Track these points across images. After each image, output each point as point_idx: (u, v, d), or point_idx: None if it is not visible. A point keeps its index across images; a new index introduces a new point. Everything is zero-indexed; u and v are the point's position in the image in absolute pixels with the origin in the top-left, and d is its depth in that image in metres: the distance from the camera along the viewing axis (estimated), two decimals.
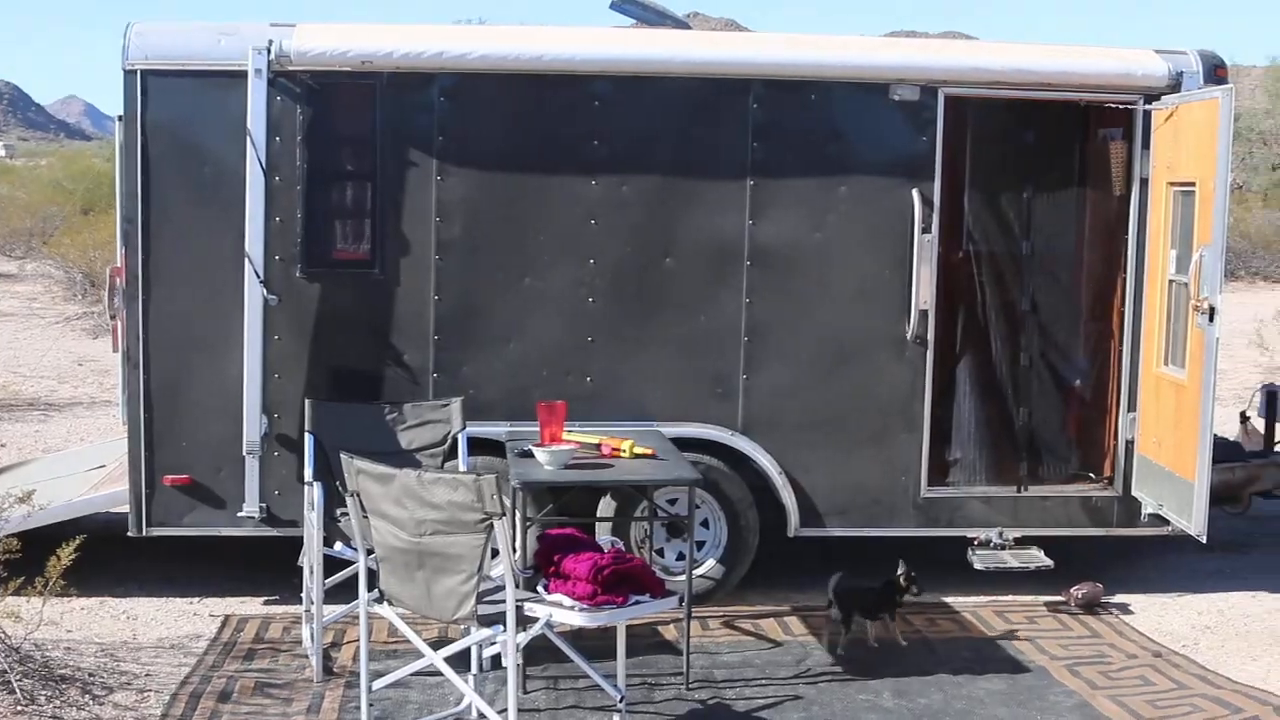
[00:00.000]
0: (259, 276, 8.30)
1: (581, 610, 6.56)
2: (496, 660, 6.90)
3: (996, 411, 9.46)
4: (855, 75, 8.83)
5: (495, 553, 6.25)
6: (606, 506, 8.69)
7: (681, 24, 9.82)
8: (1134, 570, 9.73)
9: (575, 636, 7.21)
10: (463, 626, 6.60)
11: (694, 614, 7.76)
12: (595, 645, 7.28)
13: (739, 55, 8.87)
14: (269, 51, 8.32)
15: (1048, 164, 9.51)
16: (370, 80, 8.55)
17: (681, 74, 8.72)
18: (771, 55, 8.88)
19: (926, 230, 8.81)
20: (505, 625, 6.25)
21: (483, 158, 8.66)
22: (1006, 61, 9.06)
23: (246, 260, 8.27)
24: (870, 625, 8.15)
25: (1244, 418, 11.13)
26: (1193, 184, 8.43)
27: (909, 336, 8.88)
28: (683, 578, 7.72)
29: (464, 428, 8.09)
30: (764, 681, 7.62)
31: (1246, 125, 47.68)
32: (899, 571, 8.14)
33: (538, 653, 7.25)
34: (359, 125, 8.67)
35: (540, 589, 6.74)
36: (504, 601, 6.26)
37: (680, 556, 8.73)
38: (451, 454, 8.11)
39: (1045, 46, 9.33)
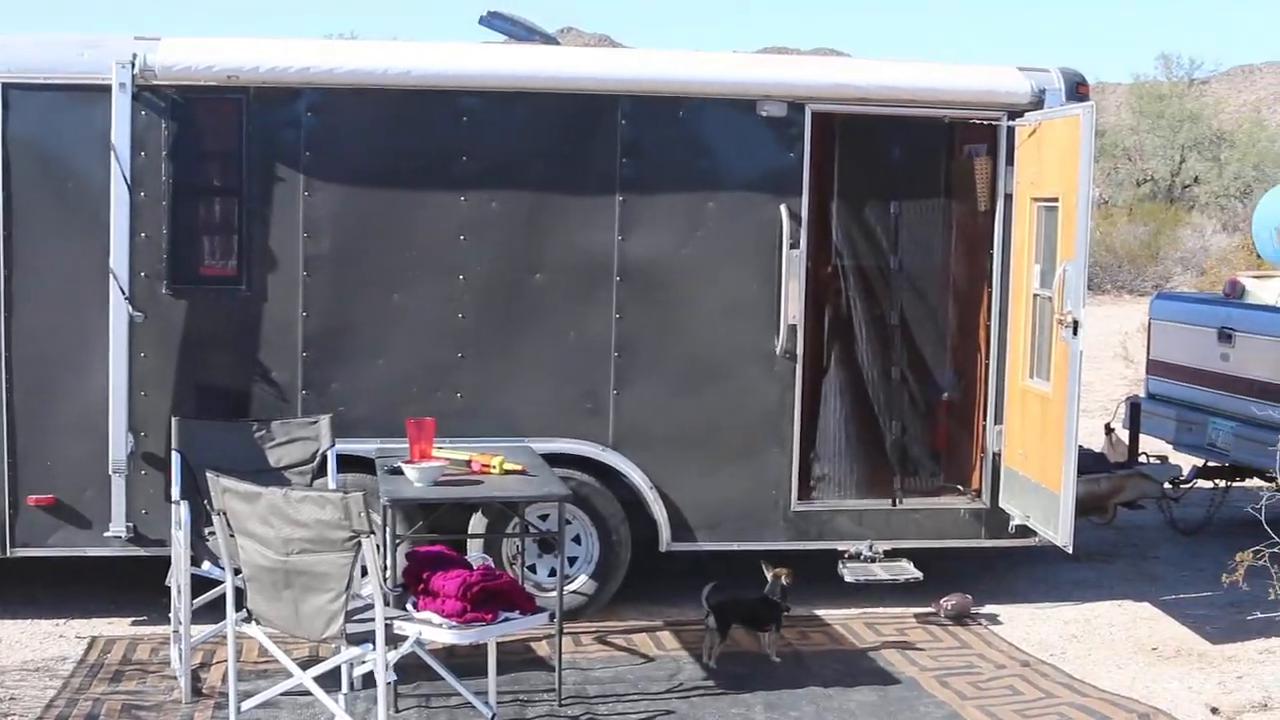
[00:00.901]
0: (124, 293, 8.18)
1: (451, 628, 6.54)
2: (367, 679, 6.85)
3: (866, 425, 9.52)
4: (723, 91, 8.88)
5: (365, 571, 6.22)
6: (478, 523, 8.67)
7: (551, 40, 9.81)
8: (1002, 581, 9.85)
9: (447, 654, 7.20)
10: (333, 645, 6.56)
11: (566, 630, 7.78)
12: (467, 662, 7.28)
13: (607, 71, 8.89)
14: (133, 65, 8.21)
15: (914, 179, 9.59)
16: (236, 95, 8.47)
17: (550, 90, 8.73)
18: (640, 71, 8.91)
19: (794, 245, 8.88)
20: (374, 643, 6.23)
21: (351, 173, 8.61)
22: (873, 78, 9.15)
23: (111, 276, 8.14)
24: (762, 637, 8.20)
25: (1109, 429, 11.32)
26: (1056, 199, 8.55)
27: (778, 351, 8.93)
28: (555, 594, 7.71)
29: (333, 445, 8.05)
30: (636, 696, 7.63)
31: (1112, 142, 48.59)
32: (770, 573, 8.20)
33: (409, 671, 7.23)
34: (225, 140, 8.58)
35: (409, 607, 6.71)
36: (373, 620, 6.23)
37: (553, 573, 8.72)
38: (321, 472, 8.06)
39: (912, 63, 9.43)
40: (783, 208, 8.85)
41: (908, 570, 9.10)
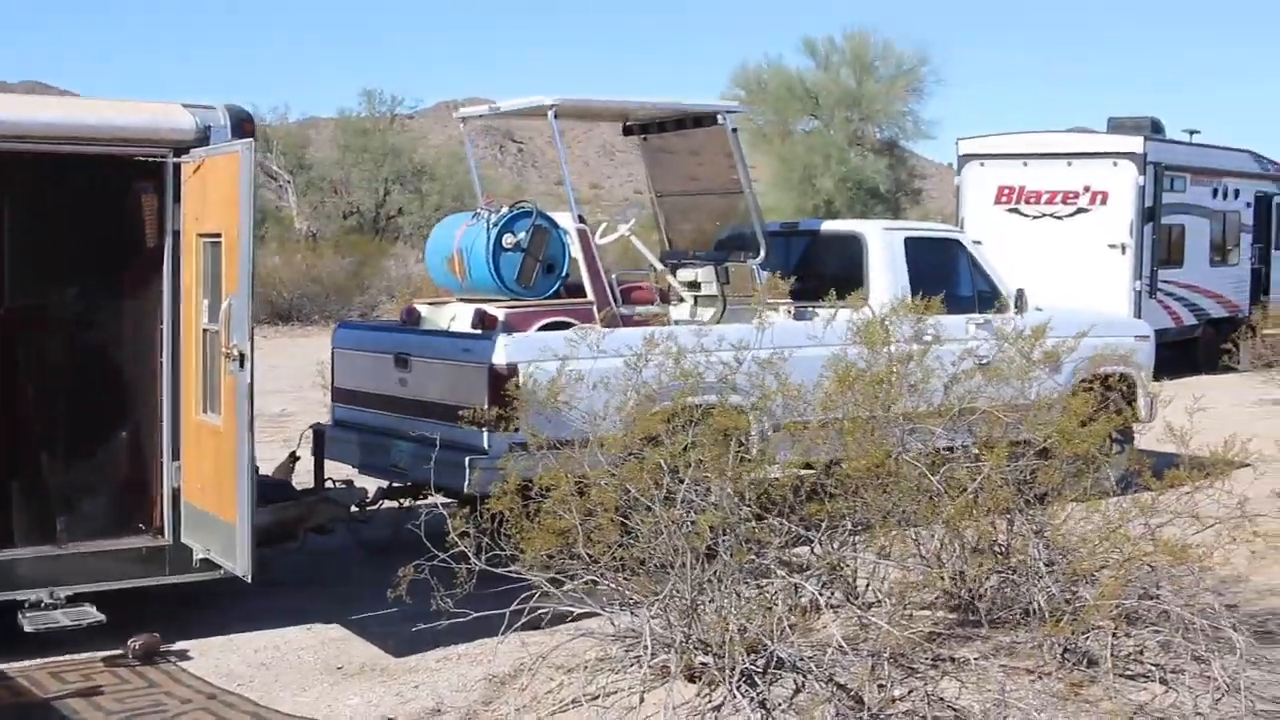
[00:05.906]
0: None
1: None
2: None
3: (41, 469, 9.33)
4: None
5: None
6: None
7: None
8: (195, 616, 9.81)
9: None
10: None
11: None
12: None
13: None
14: None
15: (87, 217, 9.50)
16: None
17: None
18: None
19: None
20: None
21: None
22: (29, 115, 8.98)
23: None
24: None
25: (294, 457, 11.53)
26: (219, 234, 8.64)
27: None
28: None
29: None
30: None
31: (319, 175, 49.61)
32: None
33: None
34: None
35: None
36: None
37: None
38: None
39: (76, 100, 9.35)
40: None
41: (90, 614, 8.90)
